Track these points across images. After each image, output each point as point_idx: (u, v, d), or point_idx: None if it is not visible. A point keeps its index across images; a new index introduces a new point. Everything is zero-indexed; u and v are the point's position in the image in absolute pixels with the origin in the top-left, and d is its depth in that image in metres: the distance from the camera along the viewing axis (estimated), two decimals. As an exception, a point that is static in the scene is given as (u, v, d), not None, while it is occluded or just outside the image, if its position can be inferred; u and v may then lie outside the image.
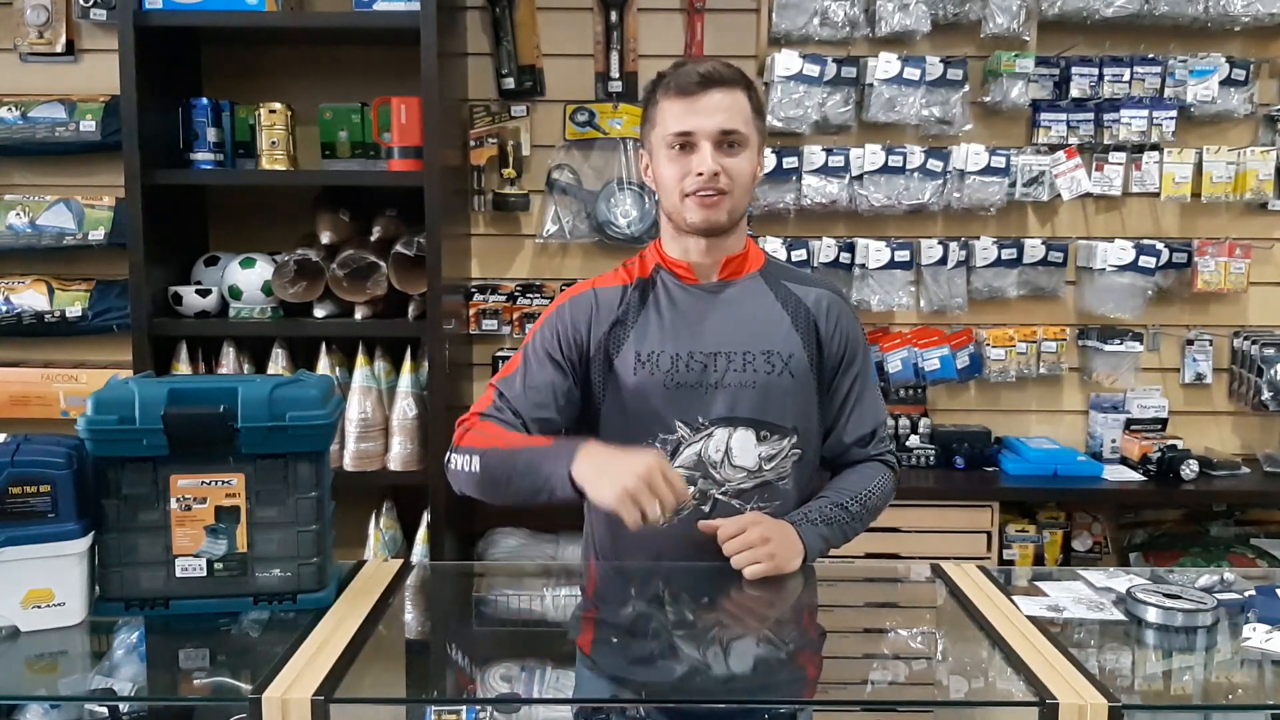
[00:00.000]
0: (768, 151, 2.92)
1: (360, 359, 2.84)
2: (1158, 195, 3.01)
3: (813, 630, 1.58)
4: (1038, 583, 1.57)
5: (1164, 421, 3.06)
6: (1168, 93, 2.96)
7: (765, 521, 1.59)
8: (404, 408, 2.83)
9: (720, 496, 1.66)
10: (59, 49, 2.99)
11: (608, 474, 1.43)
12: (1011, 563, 2.91)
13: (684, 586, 1.61)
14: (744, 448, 1.65)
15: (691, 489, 1.64)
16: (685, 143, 1.60)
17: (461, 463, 1.61)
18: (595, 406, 1.70)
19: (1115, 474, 2.91)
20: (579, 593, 1.77)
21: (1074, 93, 2.96)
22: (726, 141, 1.60)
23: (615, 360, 1.67)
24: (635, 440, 1.64)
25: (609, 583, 1.75)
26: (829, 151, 2.93)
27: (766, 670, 1.41)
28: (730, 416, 1.64)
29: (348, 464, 2.82)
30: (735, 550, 1.54)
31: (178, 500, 1.37)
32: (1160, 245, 2.98)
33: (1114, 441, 3.06)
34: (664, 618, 1.54)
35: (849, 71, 2.93)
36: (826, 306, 1.70)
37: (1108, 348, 3.02)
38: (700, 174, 1.59)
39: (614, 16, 2.97)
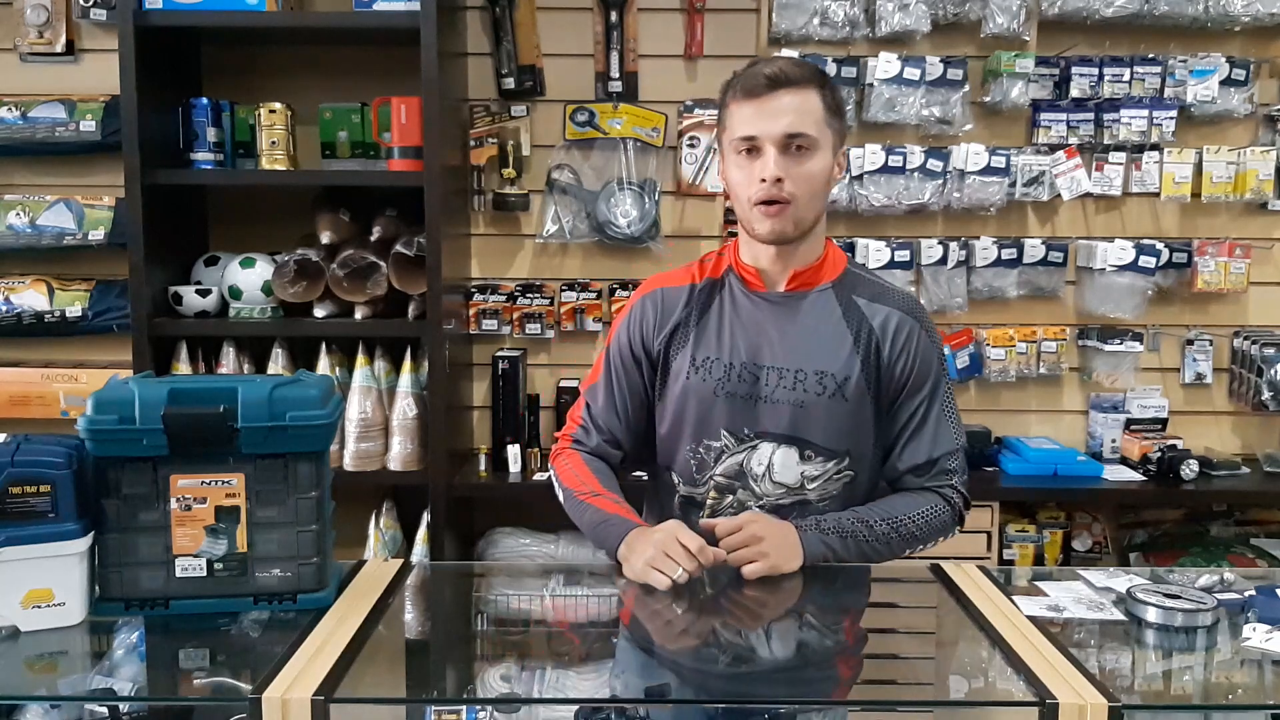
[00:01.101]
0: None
1: (360, 359, 2.84)
2: (1158, 195, 3.01)
3: (815, 630, 1.58)
4: (1038, 583, 1.56)
5: (1164, 421, 3.06)
6: (1168, 93, 2.96)
7: (762, 520, 1.58)
8: (404, 408, 2.83)
9: (758, 508, 1.66)
10: (59, 49, 2.99)
11: (634, 553, 1.55)
12: (1011, 563, 2.91)
13: (687, 586, 1.61)
14: (786, 465, 1.64)
15: (730, 497, 1.66)
16: (751, 147, 1.57)
17: (555, 485, 1.76)
18: (651, 406, 1.72)
19: (1115, 474, 2.91)
20: (586, 591, 1.77)
21: (1074, 93, 2.95)
22: (793, 146, 1.55)
23: (673, 362, 1.67)
24: (684, 442, 1.67)
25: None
26: (829, 151, 2.93)
27: (767, 670, 1.41)
28: (775, 432, 1.63)
29: (348, 464, 2.82)
30: (731, 548, 1.54)
31: (178, 500, 1.37)
32: (1160, 245, 2.98)
33: (1114, 441, 3.06)
34: (665, 617, 1.54)
35: (849, 71, 2.93)
36: (895, 328, 1.64)
37: (1108, 348, 3.02)
38: (764, 180, 1.55)
39: (614, 16, 2.97)
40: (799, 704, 1.46)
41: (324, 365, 2.84)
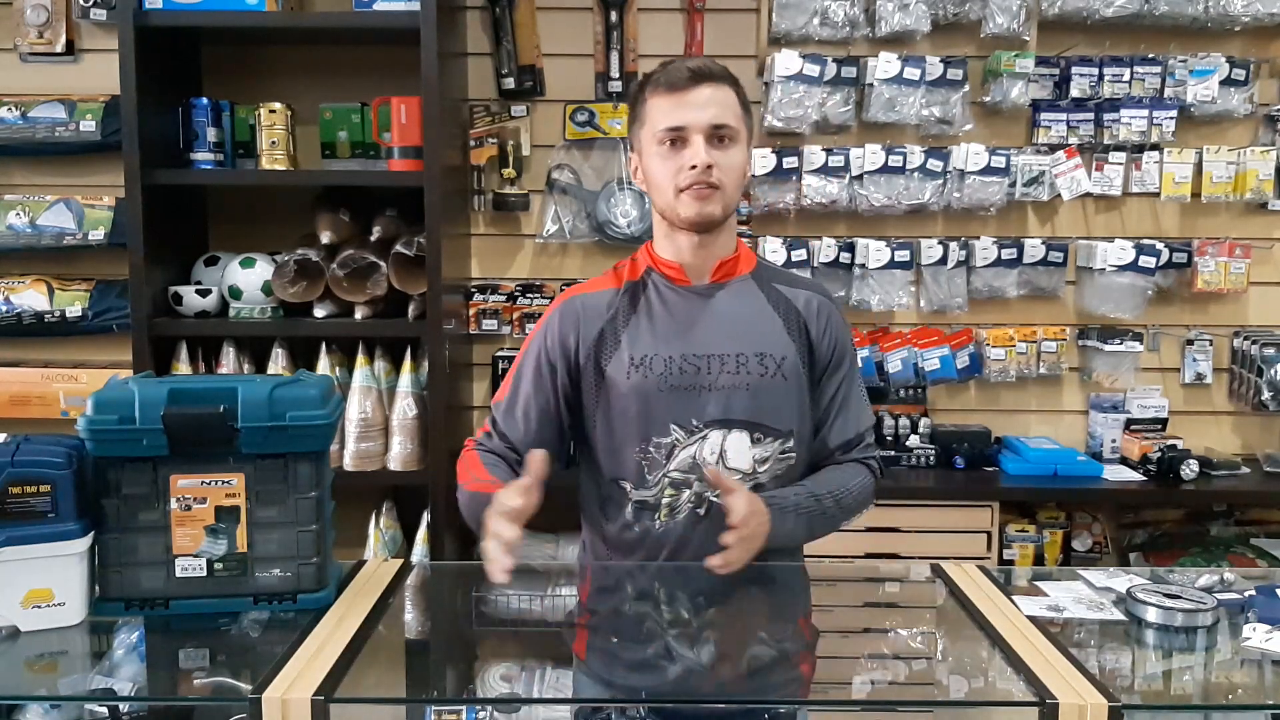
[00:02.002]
0: (768, 151, 2.92)
1: (360, 359, 2.84)
2: (1158, 195, 3.01)
3: (813, 630, 1.58)
4: (1038, 583, 1.57)
5: (1164, 421, 3.06)
6: (1168, 93, 2.96)
7: (760, 516, 1.55)
8: (404, 408, 2.83)
9: (714, 499, 1.64)
10: (59, 49, 2.99)
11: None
12: (1011, 563, 2.91)
13: (680, 586, 1.61)
14: (738, 450, 1.64)
15: (686, 492, 1.63)
16: (676, 138, 1.59)
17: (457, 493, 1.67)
18: (589, 413, 1.68)
19: (1115, 474, 2.91)
20: (576, 595, 1.77)
21: (1074, 93, 2.96)
22: (718, 136, 1.59)
23: (607, 366, 1.65)
24: (630, 445, 1.64)
25: (604, 585, 1.75)
26: (829, 151, 2.93)
27: (766, 670, 1.41)
28: (724, 419, 1.63)
29: (348, 464, 2.82)
30: (733, 541, 1.50)
31: (178, 500, 1.37)
32: (1160, 245, 2.98)
33: (1114, 441, 3.06)
34: (661, 618, 1.54)
35: (849, 71, 2.93)
36: (816, 309, 1.70)
37: (1108, 348, 3.02)
38: (693, 167, 1.57)
39: (614, 16, 2.97)
40: (799, 704, 1.46)
41: (324, 365, 2.84)
